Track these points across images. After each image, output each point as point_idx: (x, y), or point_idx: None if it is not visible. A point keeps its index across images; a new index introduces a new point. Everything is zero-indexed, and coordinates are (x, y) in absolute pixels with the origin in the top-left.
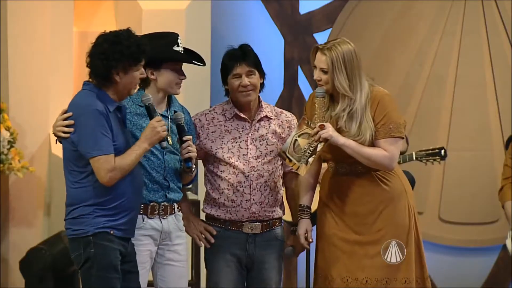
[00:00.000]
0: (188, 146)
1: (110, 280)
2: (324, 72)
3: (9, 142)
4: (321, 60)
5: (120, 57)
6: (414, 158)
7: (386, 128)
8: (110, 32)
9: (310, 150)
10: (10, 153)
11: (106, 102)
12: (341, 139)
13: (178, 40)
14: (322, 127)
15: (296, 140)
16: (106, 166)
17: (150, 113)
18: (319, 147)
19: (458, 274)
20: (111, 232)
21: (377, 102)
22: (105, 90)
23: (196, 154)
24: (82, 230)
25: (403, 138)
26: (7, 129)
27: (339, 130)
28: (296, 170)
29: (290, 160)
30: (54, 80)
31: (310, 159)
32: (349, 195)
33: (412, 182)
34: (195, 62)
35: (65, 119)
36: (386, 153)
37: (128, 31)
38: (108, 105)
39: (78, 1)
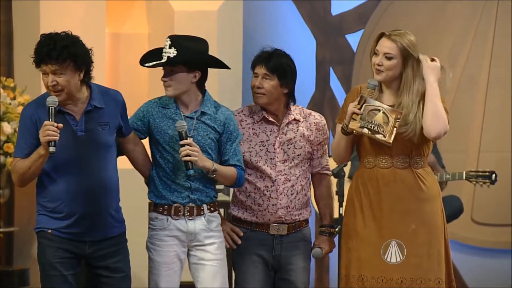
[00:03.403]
0: (186, 149)
1: (49, 278)
2: (387, 58)
3: None
4: (387, 45)
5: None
6: (464, 178)
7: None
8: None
9: (374, 127)
10: None
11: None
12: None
13: (166, 42)
14: None
15: (379, 109)
16: (11, 167)
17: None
18: (378, 136)
19: (490, 275)
20: (49, 231)
21: None
22: None
23: (196, 158)
24: (35, 227)
25: None
26: None
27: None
28: (352, 117)
29: (359, 109)
30: None
31: (365, 130)
32: (387, 191)
33: (461, 210)
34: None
35: None
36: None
37: (54, 33)
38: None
39: (110, 2)
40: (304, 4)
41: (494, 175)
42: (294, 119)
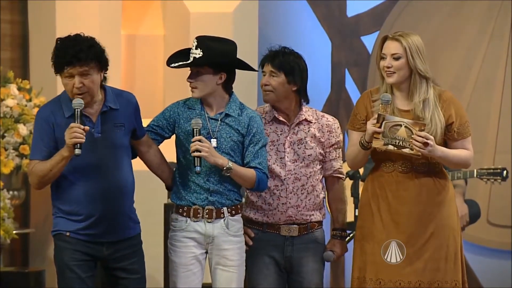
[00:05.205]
0: (195, 145)
1: (67, 280)
2: (395, 58)
3: None
4: (392, 46)
5: (53, 59)
6: (475, 176)
7: (465, 128)
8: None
9: (398, 143)
10: None
11: (65, 106)
12: (438, 152)
13: (193, 43)
14: (426, 145)
15: (400, 125)
16: (28, 170)
17: (74, 118)
18: (405, 150)
19: (507, 277)
20: (67, 233)
21: (452, 103)
22: None
23: (206, 154)
24: (52, 229)
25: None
26: None
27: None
28: (374, 137)
29: (380, 127)
30: None
31: (390, 147)
32: (406, 195)
33: (479, 214)
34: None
35: None
36: (470, 152)
37: (74, 35)
38: (66, 110)
39: (126, 2)
40: (319, 5)
41: (505, 172)
42: (306, 120)
